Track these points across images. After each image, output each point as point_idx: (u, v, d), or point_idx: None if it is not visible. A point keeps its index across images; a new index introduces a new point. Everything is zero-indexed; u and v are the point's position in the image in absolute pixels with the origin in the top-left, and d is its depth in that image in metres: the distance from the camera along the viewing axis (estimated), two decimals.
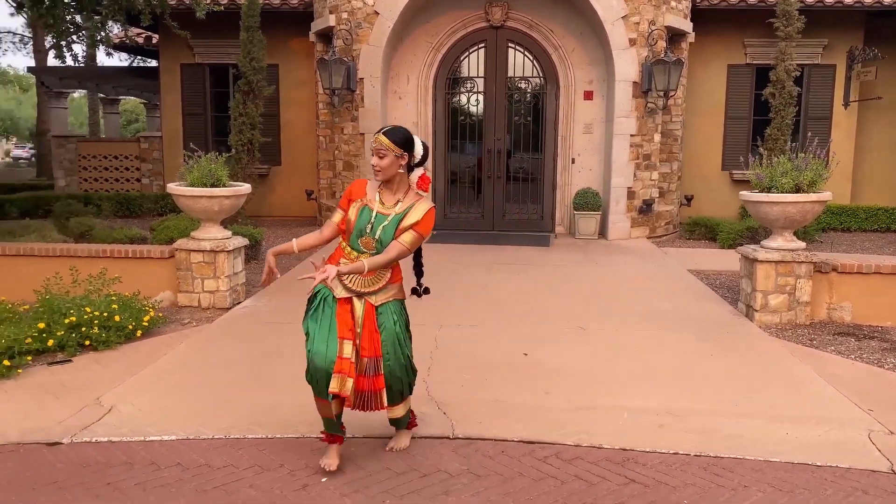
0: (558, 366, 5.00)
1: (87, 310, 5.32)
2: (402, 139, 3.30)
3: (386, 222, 3.32)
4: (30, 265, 6.53)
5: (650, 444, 3.75)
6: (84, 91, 22.99)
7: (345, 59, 10.29)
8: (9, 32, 26.85)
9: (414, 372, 3.56)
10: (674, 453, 3.66)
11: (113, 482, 3.31)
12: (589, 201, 10.38)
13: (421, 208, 3.36)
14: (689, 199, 11.66)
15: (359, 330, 3.34)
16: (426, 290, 3.68)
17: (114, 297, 5.65)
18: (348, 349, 3.28)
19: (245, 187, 6.73)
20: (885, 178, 12.59)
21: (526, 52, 10.79)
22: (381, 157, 3.28)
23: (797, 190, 6.09)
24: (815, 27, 11.22)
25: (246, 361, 5.08)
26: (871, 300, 6.19)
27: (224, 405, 4.26)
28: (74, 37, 10.41)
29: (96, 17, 9.58)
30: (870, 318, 6.21)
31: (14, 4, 15.54)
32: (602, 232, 10.53)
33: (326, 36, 10.94)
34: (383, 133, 3.29)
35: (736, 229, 9.98)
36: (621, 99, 10.15)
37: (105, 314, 5.37)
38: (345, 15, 10.43)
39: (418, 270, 3.70)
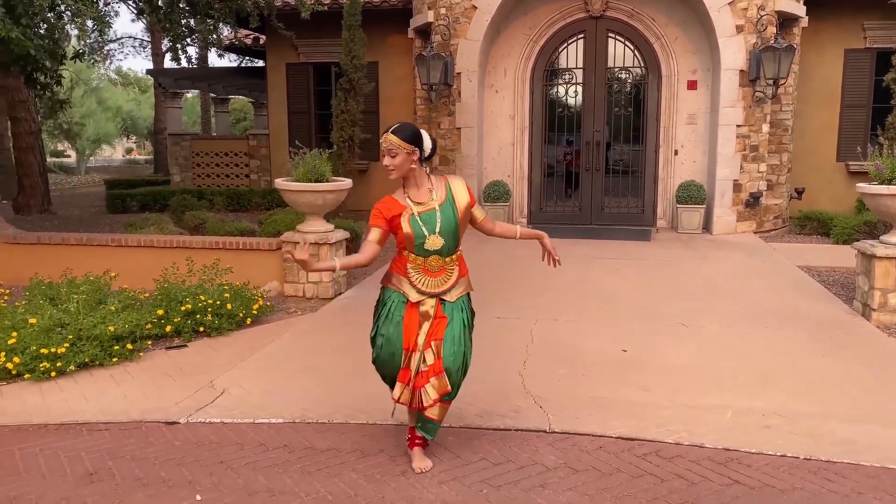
0: (659, 363, 4.90)
1: (202, 298, 5.64)
2: (411, 135, 3.28)
3: (438, 215, 3.31)
4: (149, 255, 6.98)
5: (755, 445, 3.62)
6: (197, 91, 24.22)
7: (442, 54, 10.39)
8: (130, 37, 28.66)
9: (465, 372, 3.46)
10: (781, 455, 3.52)
11: (225, 461, 3.51)
12: (692, 194, 10.07)
13: (458, 185, 3.43)
14: (800, 192, 11.09)
15: (426, 326, 3.34)
16: None
17: (226, 287, 5.95)
18: (414, 361, 3.34)
19: (346, 182, 6.92)
20: None
21: (626, 42, 10.57)
22: (392, 157, 3.26)
23: None
24: None
25: (348, 349, 5.24)
26: None
27: (327, 391, 4.43)
28: (188, 40, 10.99)
29: (209, 21, 10.09)
30: None
31: (135, 11, 16.55)
32: (706, 226, 10.19)
33: (425, 32, 11.07)
34: (391, 132, 3.27)
35: (851, 224, 9.42)
36: (727, 88, 9.78)
37: (218, 302, 5.67)
38: (443, 10, 10.53)
39: None
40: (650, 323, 5.85)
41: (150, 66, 24.17)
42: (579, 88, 10.78)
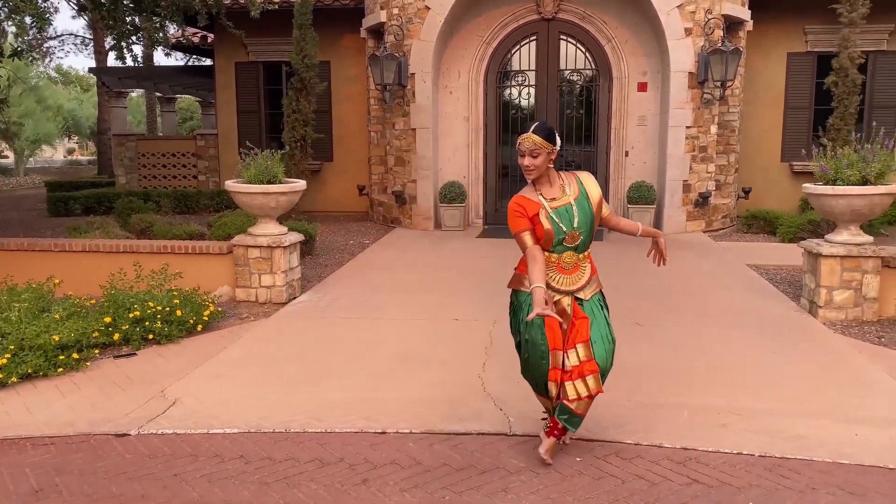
0: (615, 362, 4.91)
1: (151, 304, 5.47)
2: (549, 134, 3.30)
3: (575, 209, 3.33)
4: (95, 261, 6.74)
5: (712, 443, 3.67)
6: (142, 90, 23.61)
7: (396, 54, 10.32)
8: (71, 34, 27.72)
9: (611, 363, 3.51)
10: (737, 453, 3.58)
11: (180, 473, 3.40)
12: (643, 195, 10.21)
13: (589, 180, 3.45)
14: (746, 192, 11.36)
15: (564, 327, 3.36)
16: None
17: (175, 292, 5.79)
18: (560, 360, 3.33)
19: (300, 183, 6.81)
20: None
21: (578, 45, 10.66)
22: (535, 157, 3.28)
23: (864, 182, 5.88)
24: (881, 12, 10.78)
25: (303, 356, 5.15)
26: None
27: (283, 399, 4.34)
28: (133, 38, 10.69)
29: (155, 18, 9.82)
30: None
31: (76, 7, 16.04)
32: (656, 225, 10.33)
33: (378, 32, 10.99)
34: (532, 132, 3.28)
35: (797, 223, 9.68)
36: (676, 90, 9.94)
37: (167, 309, 5.51)
38: (396, 10, 10.46)
39: None
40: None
41: (93, 64, 23.40)
42: (532, 90, 10.84)
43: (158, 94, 20.23)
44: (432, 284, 7.21)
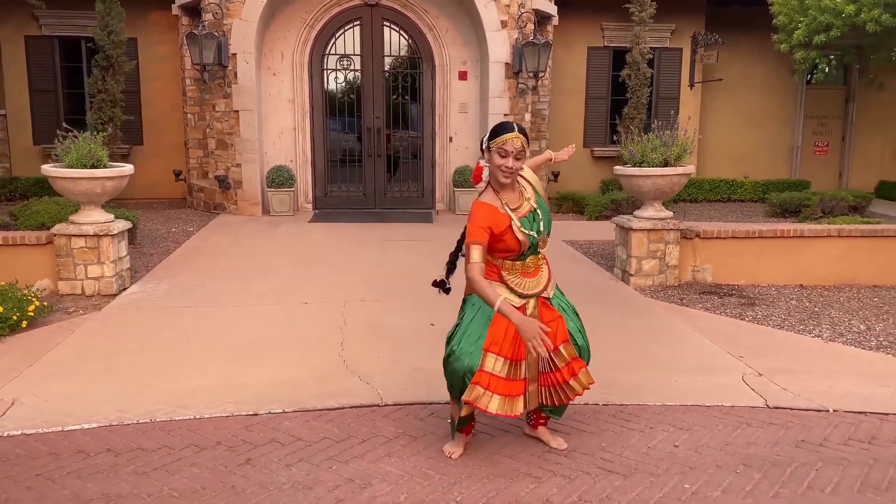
0: None
1: None
2: (526, 135, 3.18)
3: (539, 214, 3.23)
4: None
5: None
6: None
7: (216, 33, 9.94)
8: None
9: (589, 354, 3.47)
10: (585, 404, 4.02)
11: (42, 473, 3.20)
12: (467, 178, 10.69)
13: (533, 177, 3.38)
14: (556, 175, 12.30)
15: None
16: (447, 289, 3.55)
17: None
18: (490, 363, 3.11)
19: (128, 168, 6.43)
20: (725, 152, 13.87)
21: (401, 31, 10.90)
22: (518, 159, 3.12)
23: (665, 164, 6.68)
24: (664, 13, 12.10)
25: (149, 347, 4.95)
26: (729, 262, 6.94)
27: (140, 390, 4.17)
28: None
29: None
30: (728, 278, 6.96)
31: None
32: None
33: (194, 9, 10.50)
34: (519, 132, 3.11)
35: (601, 202, 10.69)
36: (495, 79, 10.50)
37: None
38: None
39: (452, 265, 3.57)
40: (449, 297, 6.19)
41: None
42: (358, 75, 10.93)
43: None
44: (271, 270, 7.14)
